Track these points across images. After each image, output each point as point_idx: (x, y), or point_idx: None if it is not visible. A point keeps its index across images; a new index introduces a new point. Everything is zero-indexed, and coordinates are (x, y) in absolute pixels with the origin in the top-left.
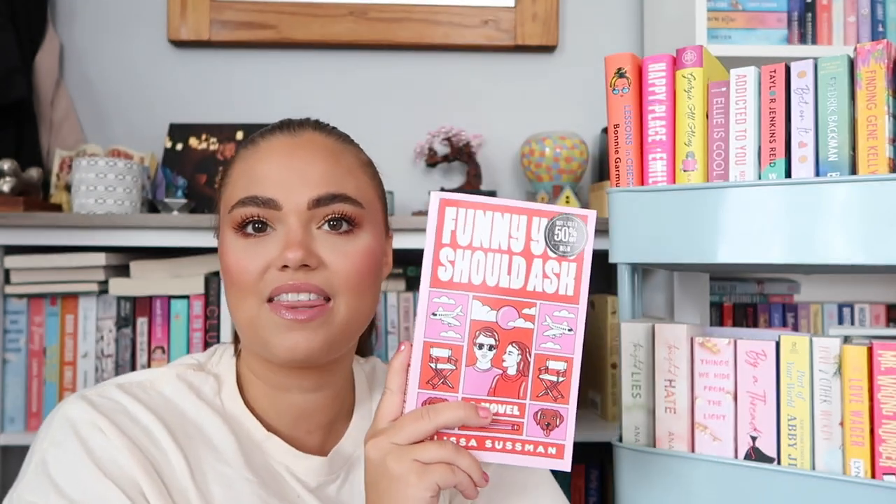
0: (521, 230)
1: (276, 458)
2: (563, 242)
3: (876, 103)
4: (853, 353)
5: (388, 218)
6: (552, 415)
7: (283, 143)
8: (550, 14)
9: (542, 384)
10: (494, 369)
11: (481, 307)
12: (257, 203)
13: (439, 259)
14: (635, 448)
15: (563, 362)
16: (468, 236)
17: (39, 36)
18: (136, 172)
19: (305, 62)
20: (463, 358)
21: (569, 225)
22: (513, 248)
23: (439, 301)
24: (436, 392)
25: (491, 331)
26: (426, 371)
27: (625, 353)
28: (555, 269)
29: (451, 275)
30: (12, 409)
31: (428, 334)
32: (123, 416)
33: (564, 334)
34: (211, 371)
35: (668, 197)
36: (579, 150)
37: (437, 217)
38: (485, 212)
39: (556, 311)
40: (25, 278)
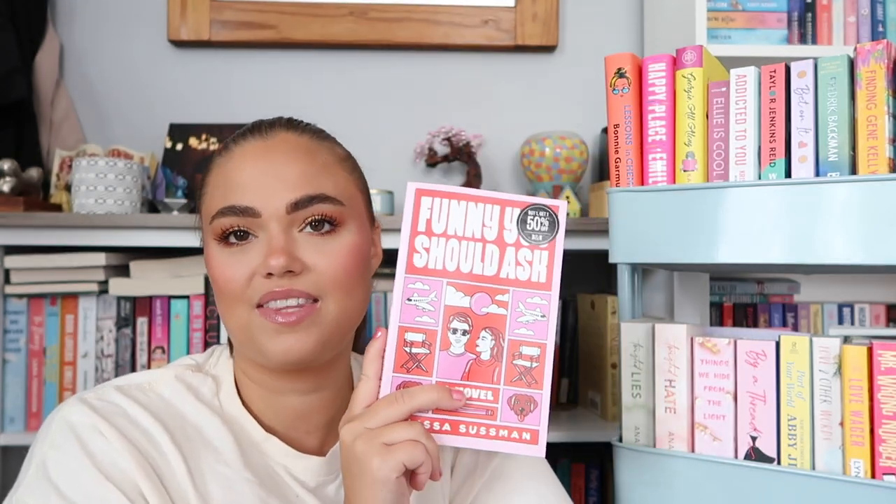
0: (494, 219)
1: (274, 458)
2: (536, 231)
3: (876, 103)
4: (853, 353)
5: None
6: (526, 400)
7: (256, 147)
8: (550, 14)
9: (516, 369)
10: (468, 354)
11: (455, 293)
12: (236, 212)
13: (414, 246)
14: (635, 448)
15: (537, 348)
16: (443, 224)
17: (39, 36)
18: (136, 172)
19: (305, 62)
20: (437, 342)
21: (540, 215)
22: (486, 237)
23: (414, 287)
24: (410, 376)
25: (465, 316)
26: (401, 355)
27: (625, 353)
28: (527, 256)
29: (425, 261)
30: (12, 409)
31: (403, 319)
32: (123, 418)
33: (537, 320)
34: (209, 372)
35: (668, 197)
36: (579, 150)
37: (412, 206)
38: (459, 201)
39: (528, 298)
40: (25, 278)
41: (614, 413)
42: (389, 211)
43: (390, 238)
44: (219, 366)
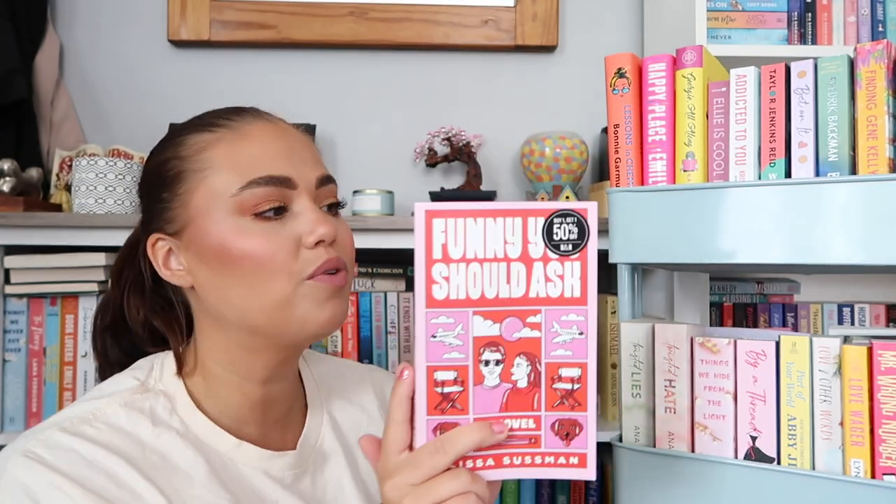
0: (516, 234)
1: (249, 463)
2: (564, 241)
3: (876, 103)
4: (853, 353)
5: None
6: (570, 424)
7: (270, 127)
8: (550, 14)
9: (557, 393)
10: (504, 384)
11: (483, 322)
12: (274, 182)
13: (432, 276)
14: (635, 448)
15: (577, 368)
16: (461, 248)
17: (39, 36)
18: (136, 172)
19: (305, 62)
20: (470, 378)
21: (567, 221)
22: (510, 255)
23: (438, 322)
24: (446, 417)
25: (496, 345)
26: (433, 396)
27: (625, 353)
28: (557, 270)
29: (447, 292)
30: (12, 409)
31: (430, 358)
32: (80, 465)
33: (575, 339)
34: (156, 388)
35: (668, 197)
36: (579, 150)
37: (424, 231)
38: (475, 219)
39: (563, 316)
40: (25, 278)
41: (614, 413)
42: (389, 211)
43: (391, 238)
44: (165, 379)
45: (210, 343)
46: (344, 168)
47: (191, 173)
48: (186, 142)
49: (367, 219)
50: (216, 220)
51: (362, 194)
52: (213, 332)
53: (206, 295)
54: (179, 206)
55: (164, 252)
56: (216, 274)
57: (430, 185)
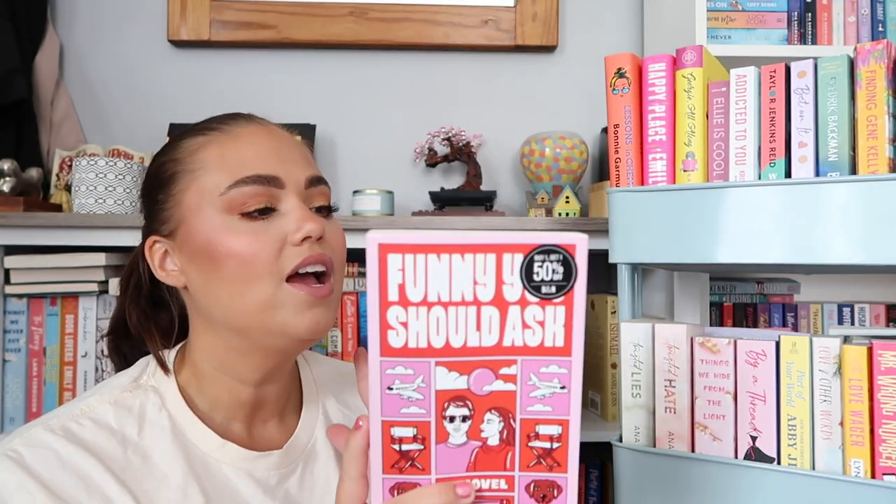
0: (489, 273)
1: (233, 464)
2: (546, 282)
3: (876, 103)
4: (853, 353)
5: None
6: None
7: (260, 129)
8: (550, 14)
9: (533, 452)
10: (472, 441)
11: (447, 374)
12: (261, 181)
13: (388, 321)
14: (635, 448)
15: (557, 426)
16: (421, 290)
17: (39, 36)
18: (136, 172)
19: (305, 62)
20: (432, 435)
21: (551, 259)
22: (480, 298)
23: (394, 372)
24: (404, 476)
25: (462, 399)
26: (389, 454)
27: (625, 353)
28: (537, 315)
29: (404, 339)
30: (12, 409)
31: (385, 412)
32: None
33: (556, 393)
34: (147, 384)
35: (668, 197)
36: (579, 150)
37: (377, 268)
38: (439, 255)
39: (542, 368)
40: (25, 278)
41: (614, 413)
42: (389, 211)
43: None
44: (157, 375)
45: (202, 343)
46: (344, 168)
47: (184, 174)
48: (181, 145)
49: (367, 219)
50: (205, 217)
51: (362, 194)
52: (204, 332)
53: (197, 294)
54: (173, 206)
55: (160, 254)
56: (204, 273)
57: (430, 185)
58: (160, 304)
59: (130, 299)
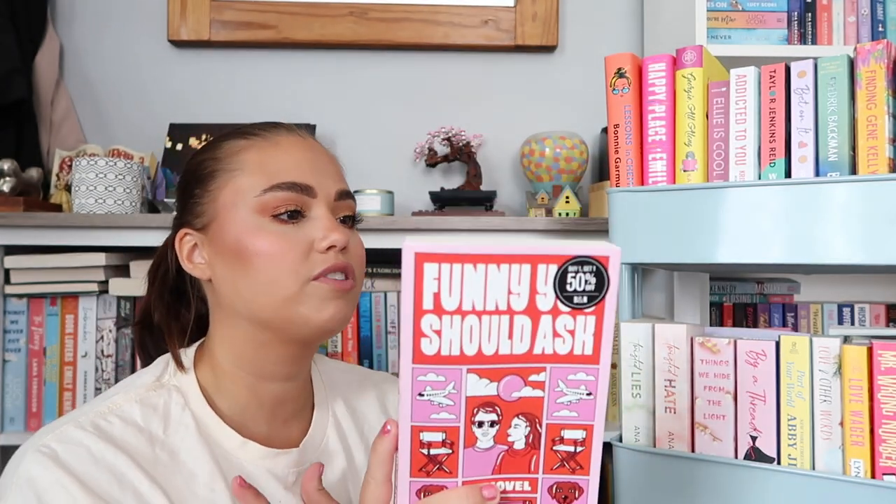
0: (523, 283)
1: (254, 462)
2: (579, 293)
3: (876, 103)
4: (853, 353)
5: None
6: (570, 487)
7: (299, 141)
8: (550, 14)
9: (557, 456)
10: (499, 446)
11: (478, 381)
12: (297, 189)
13: (422, 329)
14: (635, 448)
15: (582, 430)
16: (456, 299)
17: (39, 36)
18: (136, 172)
19: (305, 62)
20: (460, 440)
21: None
22: (514, 307)
23: (426, 379)
24: (430, 479)
25: (492, 405)
26: (417, 458)
27: (625, 353)
28: (568, 325)
29: (437, 347)
30: (12, 409)
31: (415, 418)
32: (87, 462)
33: (582, 399)
34: (170, 384)
35: (668, 197)
36: (579, 150)
37: (413, 277)
38: (475, 265)
39: (570, 375)
40: (25, 278)
41: (614, 413)
42: (389, 211)
43: (391, 238)
44: (179, 375)
45: (222, 337)
46: (344, 168)
47: (222, 172)
48: (223, 146)
49: (367, 219)
50: (238, 216)
51: (362, 194)
52: (225, 326)
53: (221, 288)
54: (209, 202)
55: (189, 246)
56: (231, 268)
57: (430, 185)
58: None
59: (157, 291)
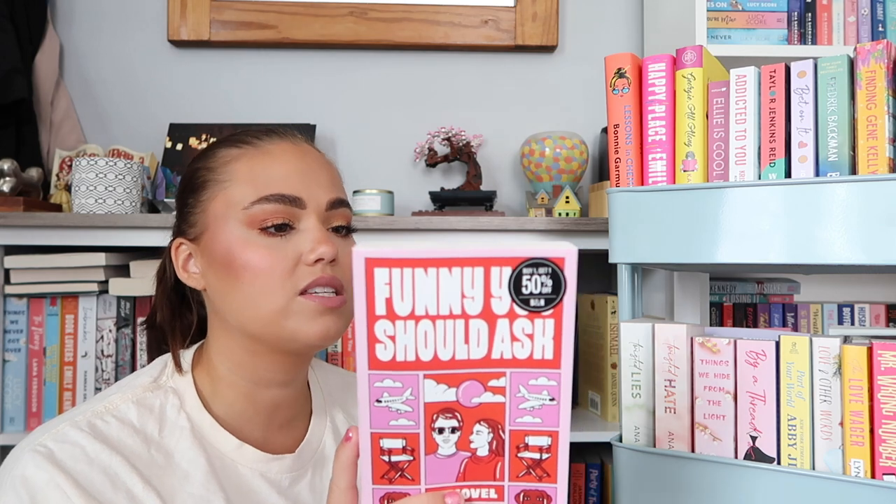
0: (477, 287)
1: (247, 465)
2: (535, 295)
3: (876, 103)
4: (853, 353)
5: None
6: (537, 495)
7: (291, 148)
8: (550, 14)
9: (522, 463)
10: (461, 452)
11: (436, 386)
12: (283, 200)
13: (375, 335)
14: (635, 448)
15: (547, 437)
16: (408, 304)
17: (39, 36)
18: (136, 172)
19: (305, 62)
20: (421, 447)
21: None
22: (468, 311)
23: (382, 385)
24: (394, 486)
25: (451, 411)
26: (378, 465)
27: (625, 353)
28: (526, 328)
29: (392, 353)
30: (12, 409)
31: (374, 425)
32: (83, 462)
33: (545, 405)
34: (167, 385)
35: (668, 197)
36: (579, 150)
37: (364, 282)
38: (426, 269)
39: (531, 380)
40: (25, 278)
41: (614, 413)
42: (389, 211)
43: (390, 238)
44: (175, 377)
45: (218, 344)
46: (344, 168)
47: (214, 183)
48: (217, 154)
49: (367, 219)
50: (228, 229)
51: (362, 194)
52: (221, 334)
53: (214, 298)
54: (200, 212)
55: (184, 255)
56: (221, 280)
57: (430, 185)
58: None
59: (162, 292)
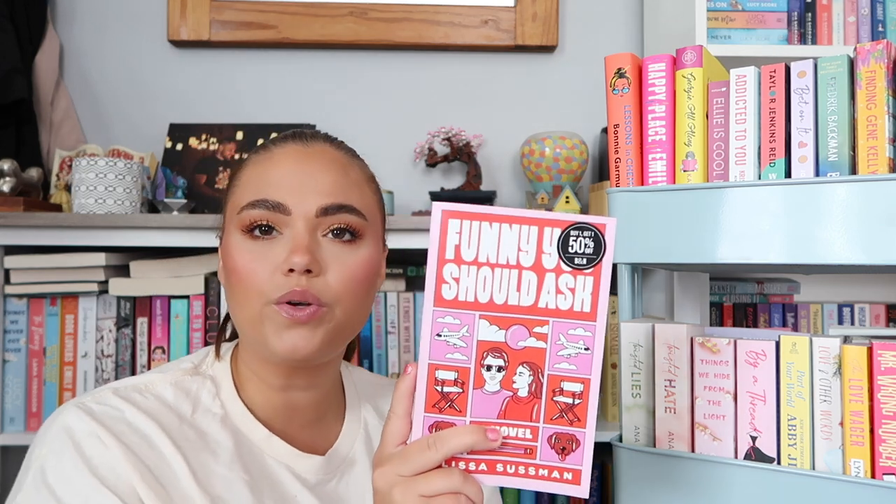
0: (531, 242)
1: (276, 457)
2: (579, 255)
3: (876, 103)
4: (853, 353)
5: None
6: (567, 438)
7: (295, 151)
8: (550, 14)
9: (557, 406)
10: (504, 391)
11: (489, 327)
12: (267, 206)
13: (443, 276)
14: (635, 448)
15: (580, 384)
16: (473, 251)
17: (39, 36)
18: (136, 172)
19: (305, 62)
20: (470, 380)
21: (584, 235)
22: (522, 263)
23: (444, 321)
24: (442, 416)
25: (500, 351)
26: (432, 394)
27: (625, 353)
28: (569, 283)
29: (455, 293)
30: (12, 409)
31: (433, 356)
32: (121, 423)
33: (581, 354)
34: (206, 373)
35: (668, 197)
36: (579, 150)
37: (439, 230)
38: (491, 223)
39: (570, 330)
40: (25, 278)
41: (614, 413)
42: (389, 211)
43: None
44: (216, 366)
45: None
46: None
47: (231, 187)
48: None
49: None
50: (228, 232)
51: None
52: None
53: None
54: (224, 214)
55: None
56: (224, 280)
57: (430, 185)
58: None
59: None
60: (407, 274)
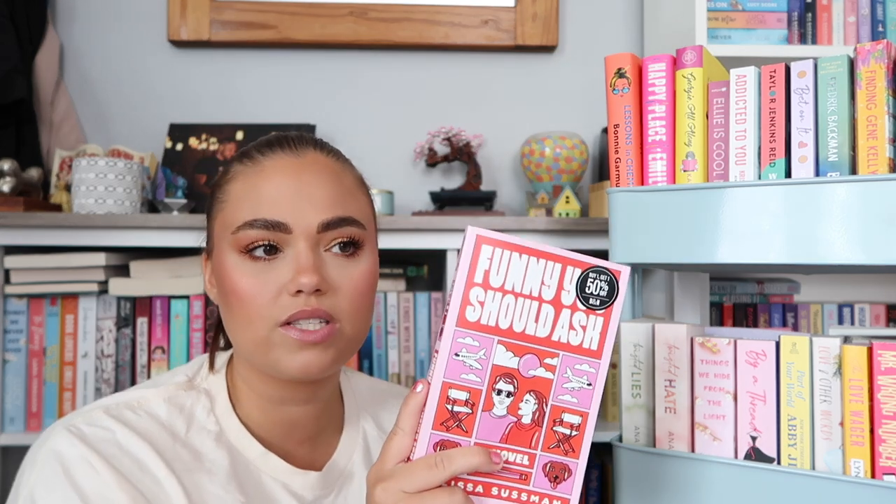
0: (553, 278)
1: (272, 474)
2: (594, 296)
3: (876, 103)
4: (853, 353)
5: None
6: (561, 468)
7: (288, 164)
8: (550, 14)
9: (555, 436)
10: (510, 416)
11: (505, 352)
12: (267, 226)
13: (469, 298)
14: (635, 448)
15: (579, 416)
16: (501, 278)
17: (39, 36)
18: (136, 172)
19: (305, 62)
20: (480, 402)
21: (601, 279)
22: (543, 296)
23: (463, 342)
24: (449, 435)
25: (511, 377)
26: (442, 412)
27: (625, 353)
28: (582, 321)
29: (478, 316)
30: (12, 409)
31: (448, 375)
32: (113, 445)
33: (583, 388)
34: (201, 387)
35: (668, 197)
36: (579, 150)
37: (471, 254)
38: (521, 255)
39: (577, 364)
40: (25, 278)
41: (614, 413)
42: (389, 211)
43: (390, 238)
44: (210, 379)
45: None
46: None
47: (217, 203)
48: (229, 169)
49: None
50: (222, 251)
51: None
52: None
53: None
54: (211, 231)
55: (209, 270)
56: (221, 300)
57: (430, 185)
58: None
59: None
60: (407, 274)
